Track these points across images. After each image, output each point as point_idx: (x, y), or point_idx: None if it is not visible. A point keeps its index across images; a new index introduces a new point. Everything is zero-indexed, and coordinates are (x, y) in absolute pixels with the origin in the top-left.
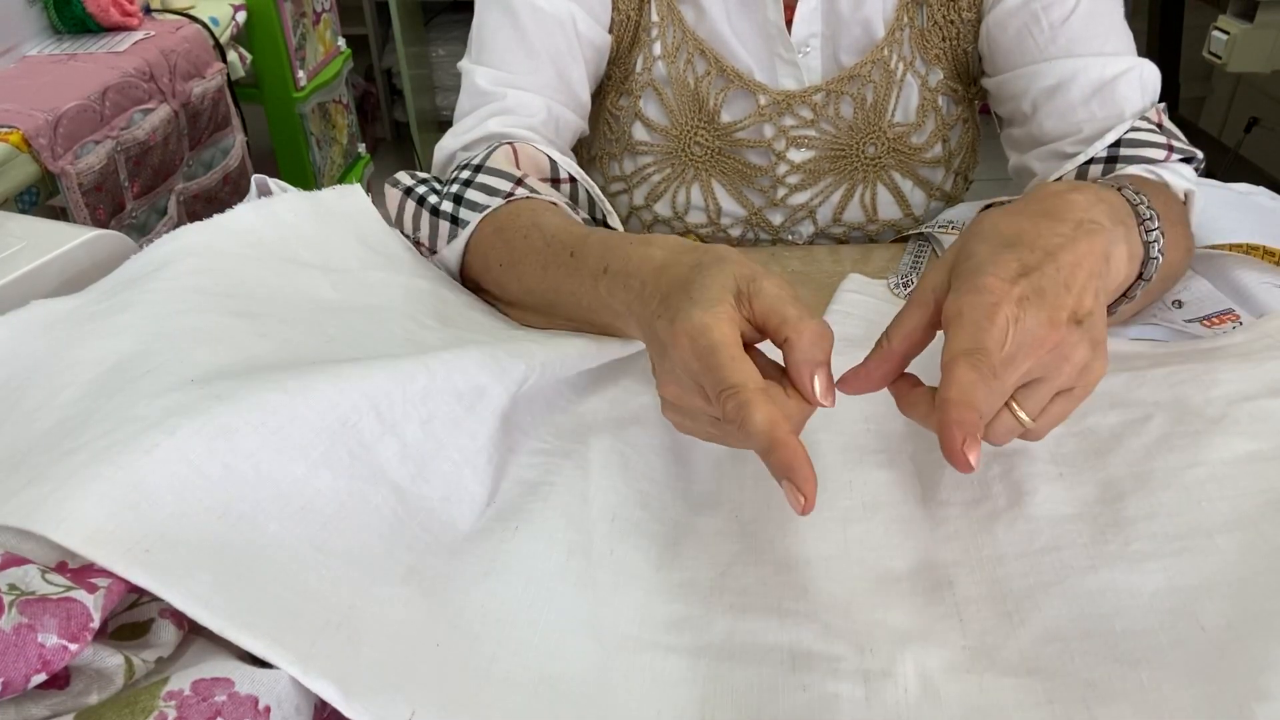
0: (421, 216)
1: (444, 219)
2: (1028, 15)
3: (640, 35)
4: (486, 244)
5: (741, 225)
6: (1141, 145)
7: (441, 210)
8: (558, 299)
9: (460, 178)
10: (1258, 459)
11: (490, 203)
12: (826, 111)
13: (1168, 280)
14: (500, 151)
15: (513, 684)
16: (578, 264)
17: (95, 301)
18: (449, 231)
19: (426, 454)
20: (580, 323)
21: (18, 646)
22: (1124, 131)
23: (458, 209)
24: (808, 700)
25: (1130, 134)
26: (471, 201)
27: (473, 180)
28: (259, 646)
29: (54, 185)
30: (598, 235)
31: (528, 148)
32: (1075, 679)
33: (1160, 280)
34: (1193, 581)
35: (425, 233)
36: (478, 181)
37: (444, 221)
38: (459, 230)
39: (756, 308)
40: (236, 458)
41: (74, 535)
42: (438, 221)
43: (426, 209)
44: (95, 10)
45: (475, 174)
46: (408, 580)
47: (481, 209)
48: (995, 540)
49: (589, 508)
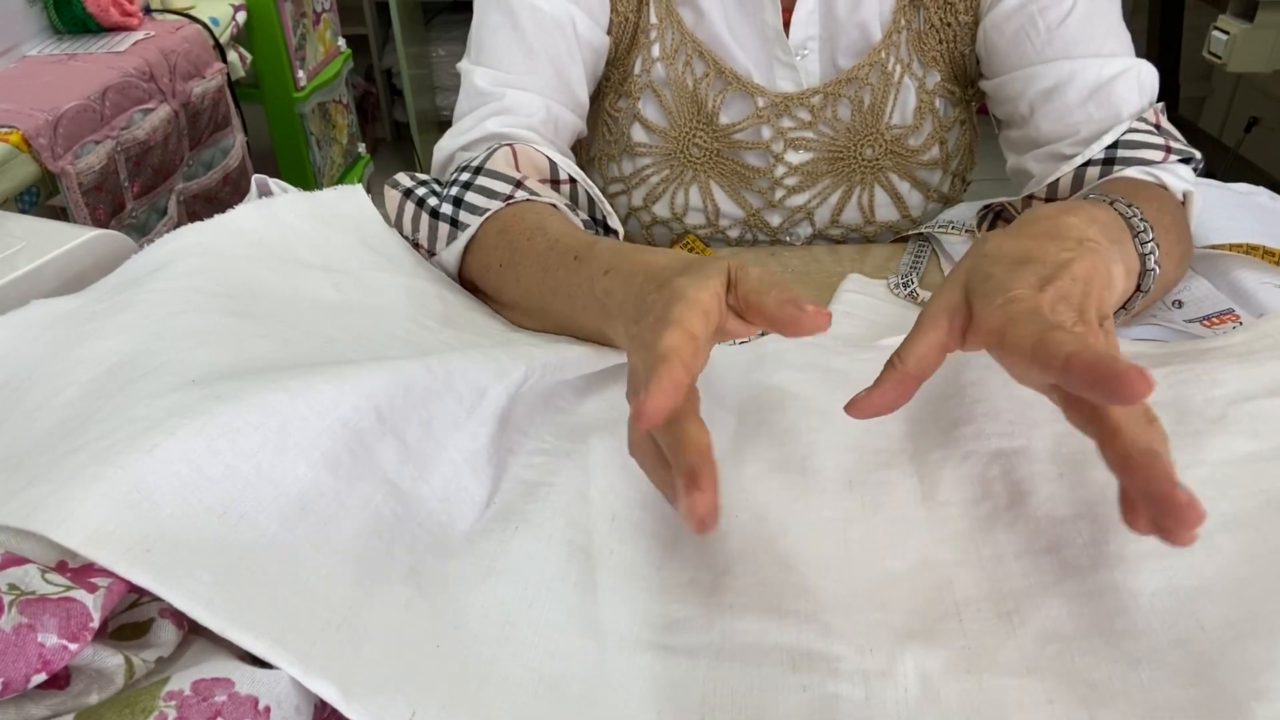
0: (421, 218)
1: (443, 221)
2: (1024, 17)
3: (639, 37)
4: (489, 245)
5: (740, 226)
6: (1139, 146)
7: (441, 212)
8: (554, 301)
9: (460, 180)
10: (1258, 459)
11: (490, 205)
12: (824, 114)
13: (1164, 288)
14: (500, 153)
15: (513, 684)
16: (581, 266)
17: (96, 301)
18: (448, 234)
19: (427, 454)
20: (570, 327)
21: (17, 646)
22: (1121, 133)
23: (457, 211)
24: (807, 700)
25: (1127, 135)
26: (471, 204)
27: (472, 183)
28: (260, 647)
29: (54, 185)
30: (606, 243)
31: (527, 149)
32: (1075, 679)
33: (1157, 289)
34: (1193, 581)
35: (424, 234)
36: (477, 184)
37: (443, 224)
38: (458, 233)
39: (742, 289)
40: (238, 458)
41: (74, 535)
42: (437, 224)
43: (426, 211)
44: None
45: (475, 176)
46: (408, 581)
47: (481, 211)
48: (995, 540)
49: (589, 508)
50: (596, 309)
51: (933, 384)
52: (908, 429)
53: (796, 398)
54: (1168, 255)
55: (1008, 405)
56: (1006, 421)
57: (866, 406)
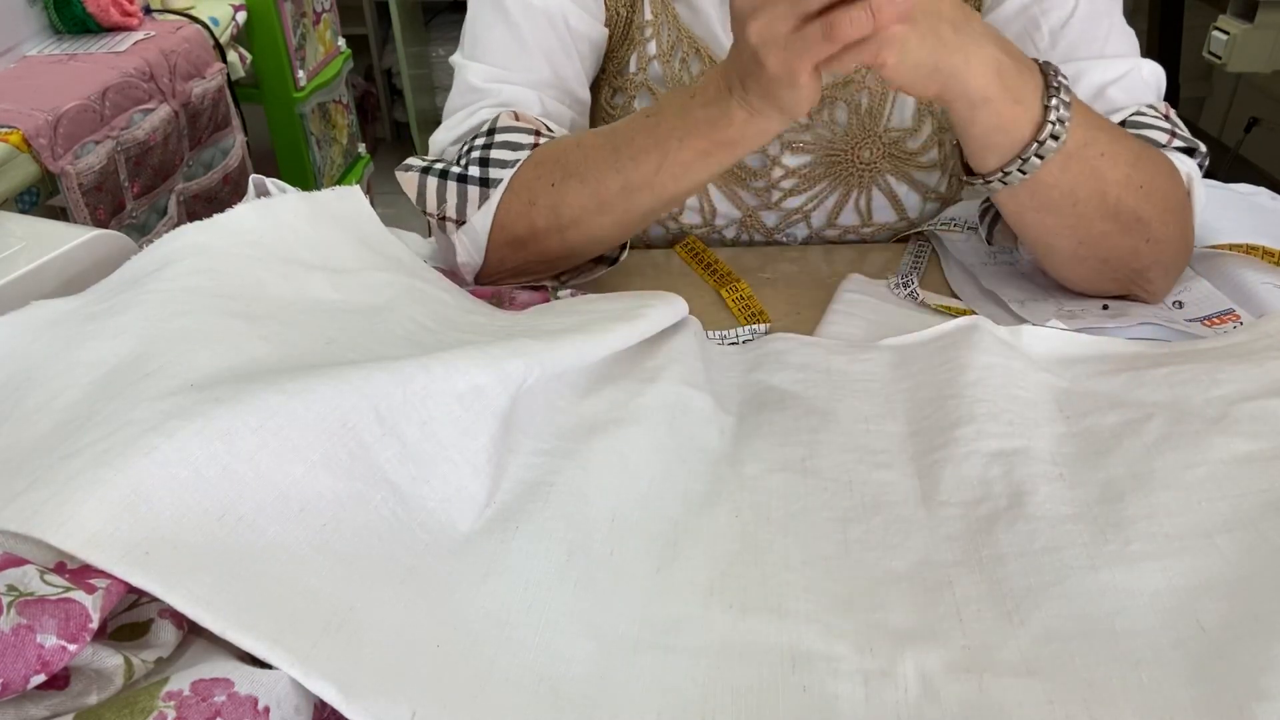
0: (447, 188)
1: (472, 184)
2: (1027, 20)
3: (633, 33)
4: (528, 183)
5: (736, 227)
6: (1145, 127)
7: (470, 175)
8: (640, 166)
9: (477, 144)
10: (1258, 459)
11: (518, 156)
12: (821, 116)
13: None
14: (503, 115)
15: (513, 685)
16: (656, 120)
17: (95, 302)
18: (479, 195)
19: (426, 455)
20: (666, 175)
21: (17, 647)
22: (1129, 114)
23: (486, 170)
24: (808, 701)
25: (1135, 116)
26: (499, 160)
27: (492, 143)
28: (261, 648)
29: (54, 185)
30: (663, 99)
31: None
32: (1075, 679)
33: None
34: (1192, 581)
35: (453, 203)
36: (498, 142)
37: (472, 186)
38: (490, 191)
39: None
40: (236, 460)
41: (74, 539)
42: (465, 188)
43: (452, 179)
44: (95, 10)
45: (491, 137)
46: (407, 581)
47: (510, 165)
48: (995, 541)
49: (589, 508)
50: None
51: (933, 384)
52: (908, 429)
53: (796, 398)
54: (1113, 156)
55: (1008, 406)
56: (1006, 422)
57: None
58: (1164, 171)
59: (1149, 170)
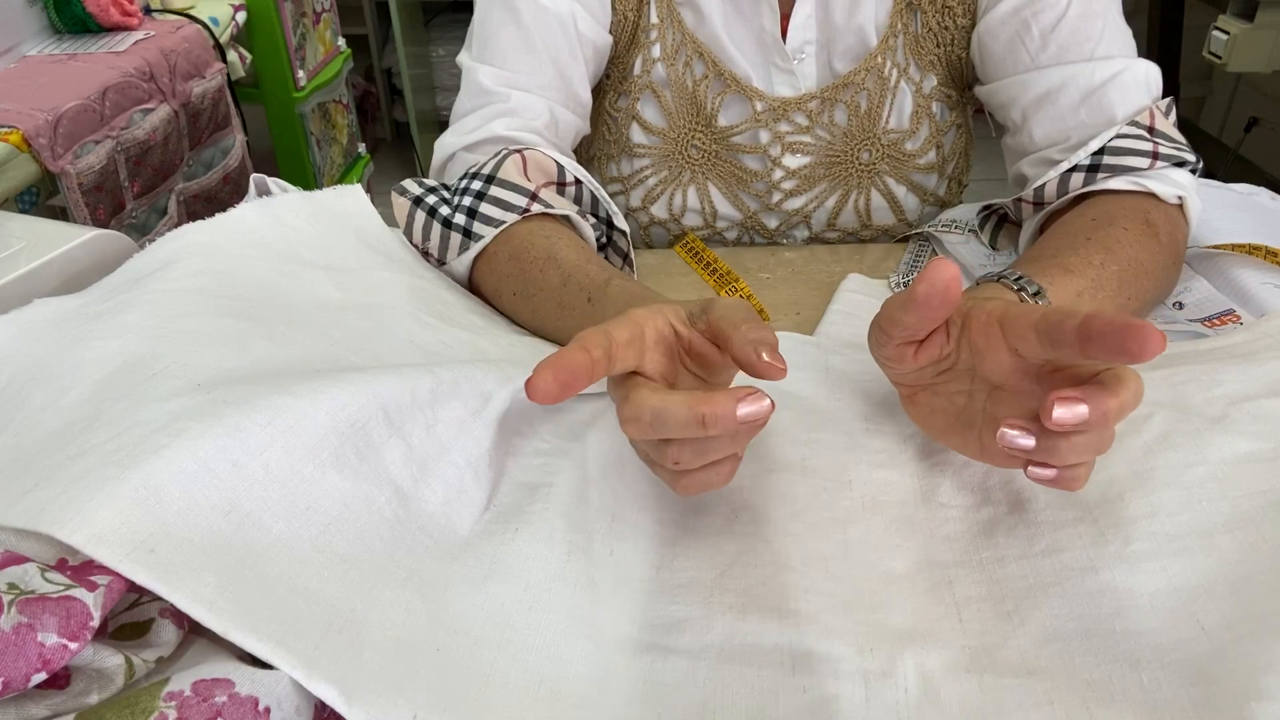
0: (432, 227)
1: (456, 231)
2: (1019, 23)
3: (638, 36)
4: (501, 269)
5: (737, 229)
6: (1125, 153)
7: (454, 223)
8: (573, 328)
9: (472, 189)
10: (1258, 459)
11: (505, 218)
12: (821, 118)
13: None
14: (510, 162)
15: (513, 686)
16: (595, 311)
17: (98, 301)
18: (460, 244)
19: (430, 457)
20: None
21: (18, 646)
22: (1108, 139)
23: (471, 222)
24: (808, 701)
25: (1115, 141)
26: (486, 216)
27: (485, 193)
28: (263, 649)
29: (54, 185)
30: (617, 284)
31: (535, 154)
32: (1075, 679)
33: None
34: (1193, 581)
35: (435, 244)
36: (491, 195)
37: (455, 234)
38: (470, 243)
39: (711, 317)
40: (245, 455)
41: (80, 533)
42: (449, 234)
43: (438, 220)
44: (95, 10)
45: (488, 186)
46: (408, 584)
47: (496, 224)
48: (995, 544)
49: (588, 508)
50: None
51: None
52: (908, 429)
53: (796, 398)
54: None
55: None
56: None
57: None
58: (1152, 271)
59: (1136, 287)
